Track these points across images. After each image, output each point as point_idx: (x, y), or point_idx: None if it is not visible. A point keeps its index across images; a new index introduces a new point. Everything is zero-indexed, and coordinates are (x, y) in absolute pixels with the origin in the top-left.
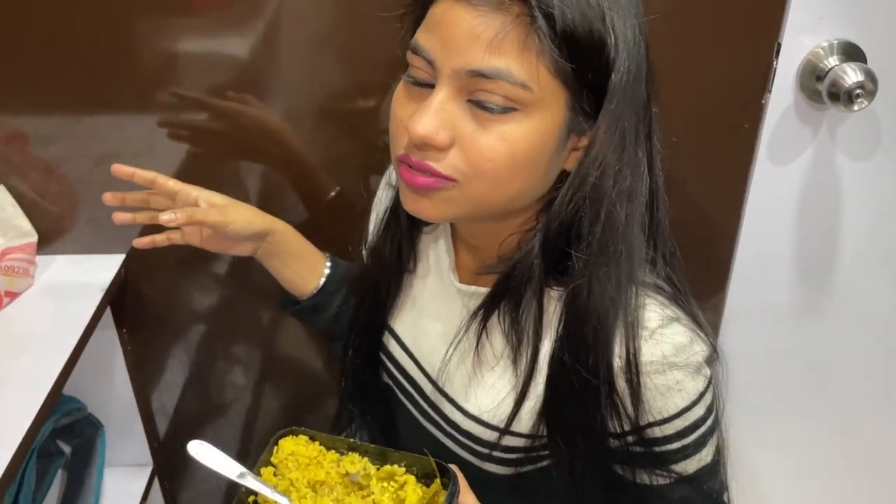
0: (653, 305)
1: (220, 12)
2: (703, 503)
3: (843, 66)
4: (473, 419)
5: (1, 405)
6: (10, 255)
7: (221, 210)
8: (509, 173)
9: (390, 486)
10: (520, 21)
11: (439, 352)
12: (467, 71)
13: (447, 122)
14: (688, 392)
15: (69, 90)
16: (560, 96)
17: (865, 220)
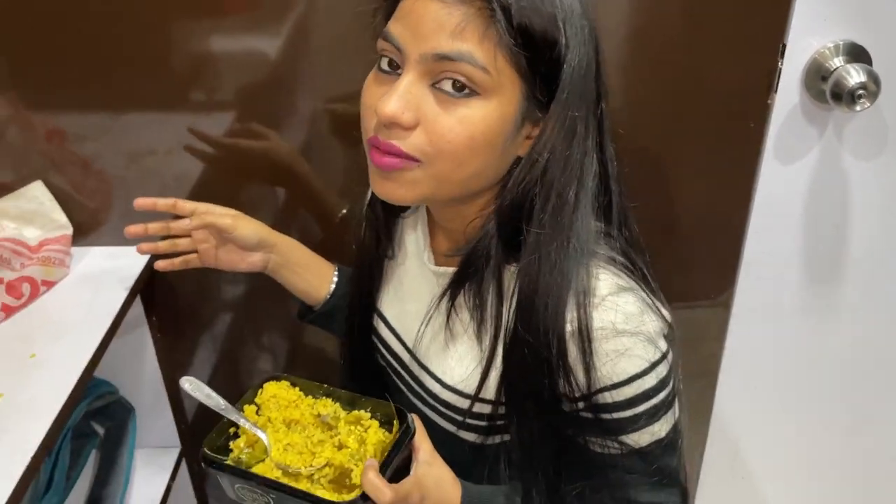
0: (605, 275)
1: (249, 14)
2: (654, 477)
3: (846, 67)
4: (449, 388)
5: (36, 386)
6: (48, 246)
7: (230, 216)
8: (468, 153)
9: (356, 429)
10: (481, 13)
11: (416, 327)
12: (433, 55)
13: (412, 104)
14: (638, 358)
15: (105, 90)
16: (516, 85)
17: (872, 218)
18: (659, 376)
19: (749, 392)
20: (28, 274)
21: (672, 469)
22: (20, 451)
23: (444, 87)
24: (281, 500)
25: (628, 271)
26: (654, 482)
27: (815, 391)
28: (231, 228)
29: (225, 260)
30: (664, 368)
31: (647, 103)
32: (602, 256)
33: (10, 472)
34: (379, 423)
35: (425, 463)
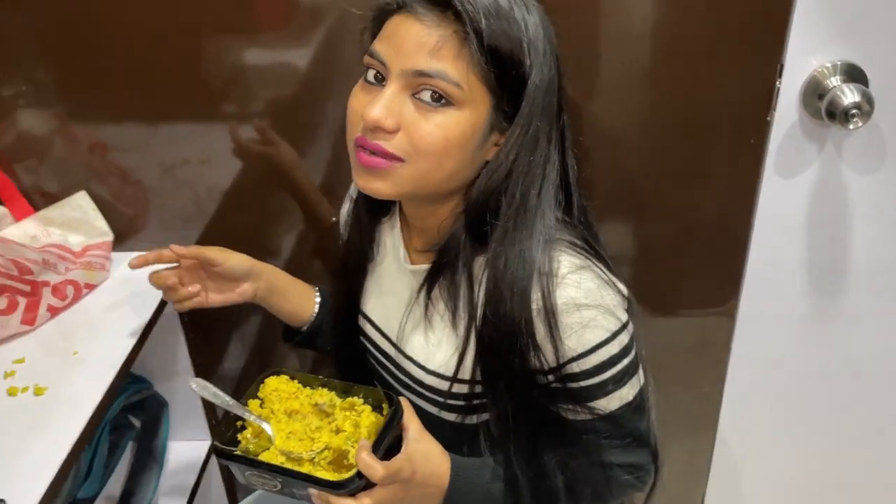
0: (564, 257)
1: (280, 31)
2: (626, 439)
3: (841, 87)
4: (430, 373)
5: (77, 380)
6: (90, 251)
7: (219, 251)
8: (443, 154)
9: (351, 415)
10: (456, 35)
11: (398, 321)
12: (413, 71)
13: (395, 111)
14: (600, 329)
15: (143, 105)
16: (486, 99)
17: (873, 231)
18: (622, 344)
19: (756, 397)
20: (72, 277)
21: (642, 432)
22: (62, 441)
23: (423, 97)
24: (287, 482)
25: (585, 252)
26: (626, 444)
27: (820, 398)
28: (221, 260)
29: (218, 298)
30: (626, 336)
31: (654, 121)
32: (562, 242)
33: (52, 459)
34: (371, 407)
35: (414, 440)
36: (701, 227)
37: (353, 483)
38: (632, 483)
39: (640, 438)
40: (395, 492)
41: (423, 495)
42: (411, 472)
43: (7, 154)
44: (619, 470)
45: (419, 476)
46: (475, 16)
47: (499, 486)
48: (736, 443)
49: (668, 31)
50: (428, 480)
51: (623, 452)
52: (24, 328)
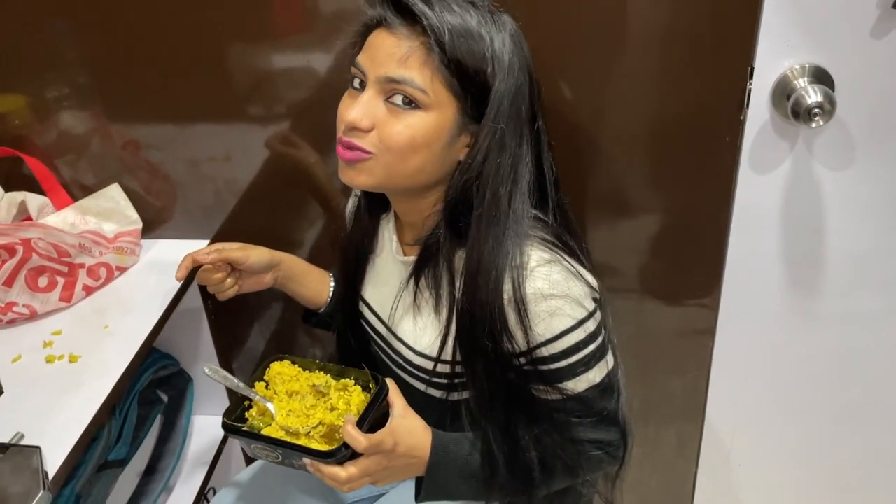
0: (535, 252)
1: (303, 35)
2: (594, 418)
3: (806, 87)
4: (417, 353)
5: (108, 350)
6: (121, 238)
7: (241, 248)
8: (409, 150)
9: (344, 394)
10: (423, 46)
11: (389, 306)
12: (384, 78)
13: (369, 113)
14: (566, 317)
15: (173, 106)
16: (451, 103)
17: (847, 223)
18: (587, 331)
19: (741, 383)
20: (105, 261)
21: (610, 411)
22: (92, 402)
23: (395, 100)
24: (285, 454)
25: (555, 248)
26: (594, 422)
27: (801, 383)
28: (244, 258)
29: (248, 286)
30: (592, 324)
31: (633, 122)
32: (535, 238)
33: (82, 418)
34: (361, 388)
35: (399, 416)
36: (682, 222)
37: (340, 453)
38: (601, 458)
39: (609, 417)
40: (379, 461)
41: (406, 465)
42: (393, 444)
43: (50, 150)
44: (589, 445)
45: (402, 448)
46: (439, 30)
47: (476, 458)
48: (724, 426)
49: (644, 36)
50: (410, 452)
51: (592, 430)
52: (61, 304)
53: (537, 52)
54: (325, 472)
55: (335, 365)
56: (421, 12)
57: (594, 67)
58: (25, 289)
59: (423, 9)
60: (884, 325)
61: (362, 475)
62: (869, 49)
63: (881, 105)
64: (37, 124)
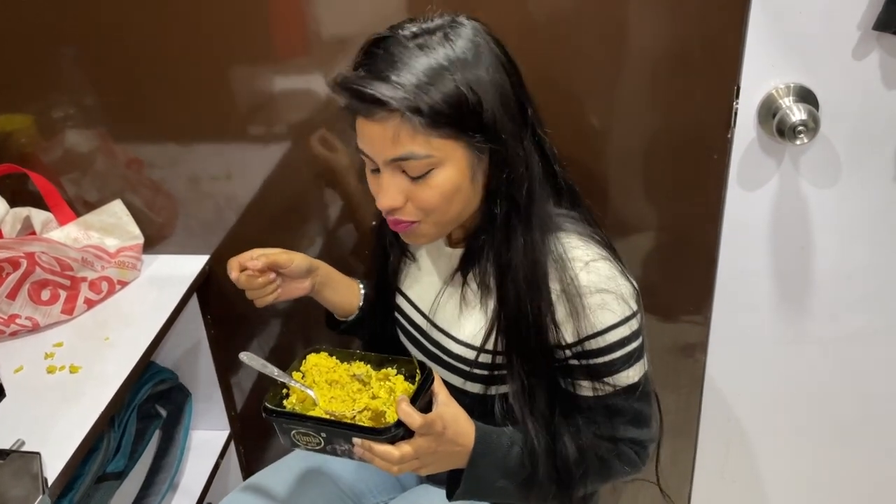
0: (583, 247)
1: (302, 59)
2: (631, 416)
3: (790, 106)
4: (460, 343)
5: (108, 361)
6: (123, 252)
7: (284, 252)
8: (445, 205)
9: (386, 383)
10: (403, 120)
11: (433, 296)
12: (389, 161)
13: (398, 192)
14: (615, 312)
15: (175, 126)
16: (457, 146)
17: (834, 240)
18: (632, 328)
19: (734, 399)
20: (107, 275)
21: (646, 414)
22: (93, 411)
23: (410, 174)
24: (330, 437)
25: (604, 246)
26: (630, 420)
27: (790, 395)
28: (288, 262)
29: (288, 292)
30: (636, 322)
31: (623, 140)
32: (581, 233)
33: (83, 425)
34: (404, 377)
35: (444, 404)
36: (672, 239)
37: (391, 431)
38: (633, 459)
39: (644, 418)
40: (430, 443)
41: (451, 453)
42: (443, 428)
43: (55, 168)
44: (623, 444)
45: (449, 433)
46: (404, 101)
47: (517, 452)
48: (718, 442)
49: (633, 57)
50: (456, 439)
51: (629, 429)
52: (63, 317)
53: (528, 74)
54: (378, 450)
55: (375, 354)
56: (383, 96)
57: (584, 88)
58: (28, 301)
59: (383, 92)
60: (873, 341)
61: (414, 455)
62: (851, 69)
63: (863, 123)
64: (43, 142)
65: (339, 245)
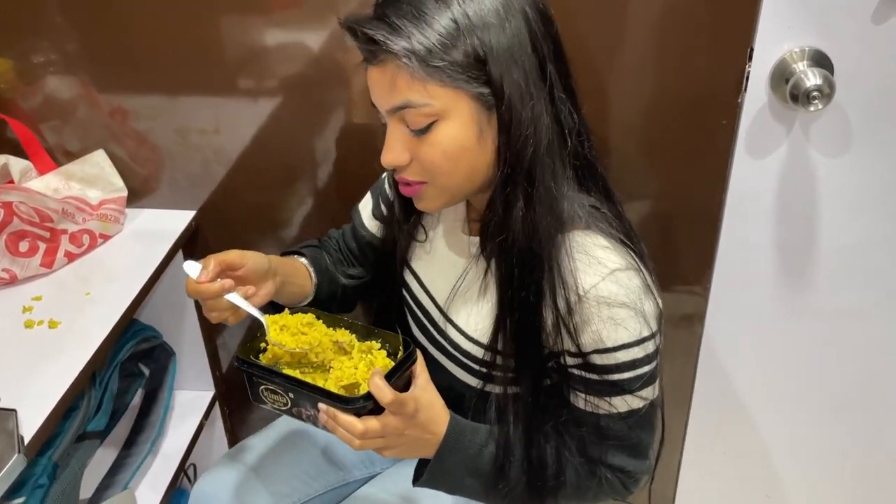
0: (616, 251)
1: (295, 10)
2: (625, 444)
3: (805, 70)
4: (471, 340)
5: (89, 318)
6: (105, 205)
7: (237, 253)
8: (449, 165)
9: (367, 356)
10: (399, 65)
11: (449, 286)
12: (389, 110)
13: (402, 148)
14: (631, 330)
15: (163, 75)
16: (460, 97)
17: (840, 211)
18: (646, 350)
19: (728, 369)
20: (88, 227)
21: (644, 445)
22: (72, 368)
23: (412, 126)
24: (297, 398)
25: (635, 254)
26: (623, 447)
27: (788, 368)
28: (240, 260)
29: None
30: (652, 346)
31: (630, 103)
32: (612, 233)
33: (61, 383)
34: (387, 353)
35: (421, 388)
36: (676, 205)
37: (360, 403)
38: (617, 487)
39: (639, 448)
40: (398, 424)
41: (418, 439)
42: (414, 410)
43: (34, 114)
44: (608, 470)
45: (421, 417)
46: (404, 50)
47: (490, 451)
48: (710, 414)
49: (644, 16)
50: (427, 425)
51: (619, 455)
52: (42, 270)
53: None
54: (341, 420)
55: (362, 324)
56: (377, 35)
57: (591, 47)
58: (6, 253)
59: (380, 32)
60: (873, 315)
61: (380, 433)
62: (869, 34)
63: (879, 91)
64: (22, 87)
65: (330, 203)
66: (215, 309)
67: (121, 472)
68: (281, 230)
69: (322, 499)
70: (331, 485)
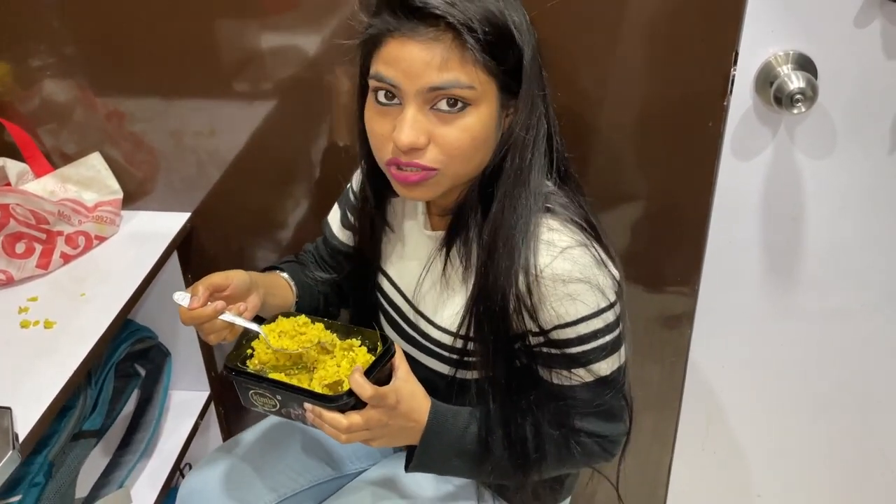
0: (565, 231)
1: (290, 13)
2: (597, 410)
3: (789, 74)
4: (438, 328)
5: (84, 318)
6: (101, 207)
7: (220, 276)
8: (472, 152)
9: (349, 354)
10: (455, 44)
11: (415, 280)
12: (427, 88)
13: (422, 129)
14: (587, 303)
15: (159, 79)
16: (493, 87)
17: (826, 212)
18: (606, 321)
19: (718, 369)
20: (84, 229)
21: (614, 406)
22: (66, 367)
23: (441, 106)
24: (285, 400)
25: (585, 232)
26: (597, 414)
27: (777, 368)
28: (225, 281)
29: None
30: (611, 315)
31: (616, 105)
32: (562, 214)
33: (56, 382)
34: (367, 349)
35: (402, 379)
36: (664, 208)
37: (343, 400)
38: (598, 452)
39: (612, 413)
40: (380, 416)
41: (403, 427)
42: (395, 402)
43: (32, 118)
44: (586, 437)
45: (403, 407)
46: (467, 22)
47: (473, 432)
48: (700, 414)
49: (630, 20)
50: (409, 415)
51: (593, 422)
52: (38, 272)
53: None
54: (326, 417)
55: (341, 324)
56: (444, 12)
57: (578, 50)
58: (2, 254)
59: (444, 7)
60: (859, 316)
61: (364, 426)
62: (852, 37)
63: (862, 93)
64: (19, 91)
65: (326, 205)
66: (213, 331)
67: (116, 471)
68: (276, 232)
69: (311, 492)
70: (320, 479)
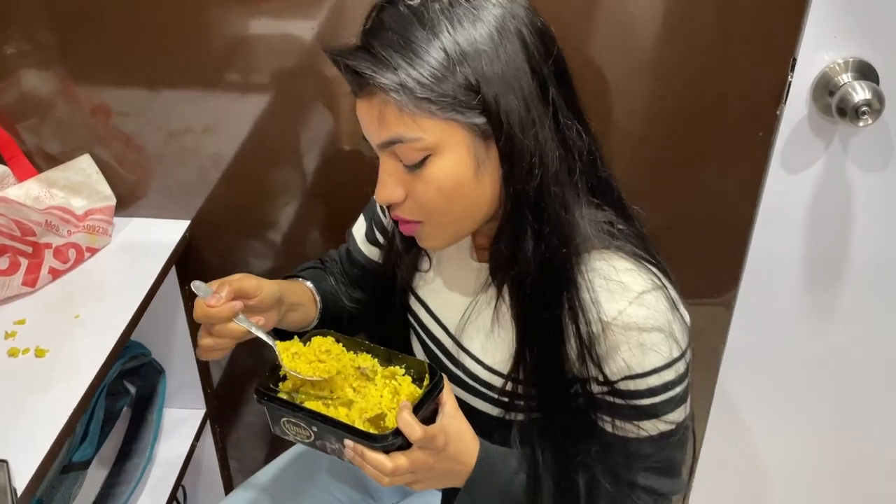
0: (641, 272)
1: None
2: (658, 465)
3: (853, 84)
4: (489, 370)
5: (79, 344)
6: (92, 215)
7: (253, 279)
8: (445, 202)
9: (391, 382)
10: (386, 98)
11: (459, 314)
12: (379, 145)
13: (395, 184)
14: (663, 354)
15: (148, 69)
16: (453, 127)
17: (874, 230)
18: (678, 372)
19: (748, 387)
20: (74, 241)
21: (675, 461)
22: (64, 404)
23: (404, 162)
24: (321, 432)
25: (659, 270)
26: (656, 469)
27: (811, 389)
28: (258, 289)
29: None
30: (683, 365)
31: (664, 111)
32: (628, 250)
33: (53, 422)
34: (412, 379)
35: (450, 416)
36: (704, 217)
37: (388, 440)
38: None
39: (672, 467)
40: (428, 458)
41: (449, 471)
42: (444, 443)
43: (9, 113)
44: (642, 492)
45: (451, 449)
46: (385, 75)
47: (521, 480)
48: (728, 429)
49: (681, 23)
50: (457, 457)
51: (652, 478)
52: (25, 289)
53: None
54: (370, 458)
55: (384, 348)
56: (359, 67)
57: (625, 52)
58: None
59: (363, 64)
60: None
61: (409, 469)
62: None
63: None
64: None
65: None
66: (223, 335)
67: (109, 502)
68: (284, 243)
69: None
70: None
